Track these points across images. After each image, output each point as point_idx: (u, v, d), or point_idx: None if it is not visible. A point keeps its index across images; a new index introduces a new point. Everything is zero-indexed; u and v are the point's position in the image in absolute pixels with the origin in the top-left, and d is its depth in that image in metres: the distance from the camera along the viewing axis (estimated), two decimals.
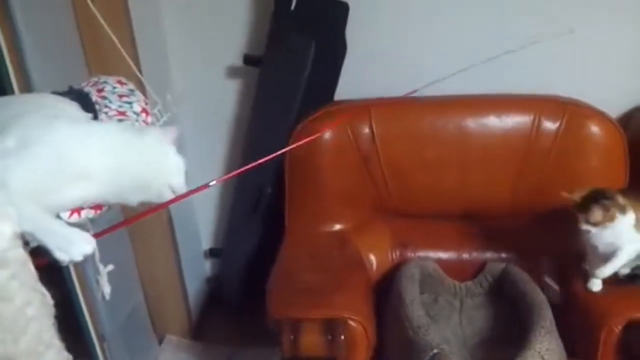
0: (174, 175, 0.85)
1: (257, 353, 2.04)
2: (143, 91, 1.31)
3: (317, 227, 1.83)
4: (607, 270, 1.50)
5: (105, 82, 1.05)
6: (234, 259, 2.14)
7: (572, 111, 1.76)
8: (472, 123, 1.79)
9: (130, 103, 1.00)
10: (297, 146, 1.78)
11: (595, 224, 1.45)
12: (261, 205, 1.94)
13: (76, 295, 1.69)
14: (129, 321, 1.96)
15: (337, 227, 1.84)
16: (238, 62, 1.91)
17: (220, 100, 2.03)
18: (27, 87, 1.30)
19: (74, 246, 0.73)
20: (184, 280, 2.19)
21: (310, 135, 1.77)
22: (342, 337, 1.38)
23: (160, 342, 2.20)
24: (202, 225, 2.29)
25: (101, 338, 1.82)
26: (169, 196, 0.85)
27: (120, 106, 0.98)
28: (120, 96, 1.01)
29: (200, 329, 2.28)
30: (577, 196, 1.46)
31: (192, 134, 2.03)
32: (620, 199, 1.44)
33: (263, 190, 1.92)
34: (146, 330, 2.12)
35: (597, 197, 1.45)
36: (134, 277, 2.03)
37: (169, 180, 0.84)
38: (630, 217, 1.43)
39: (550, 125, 1.75)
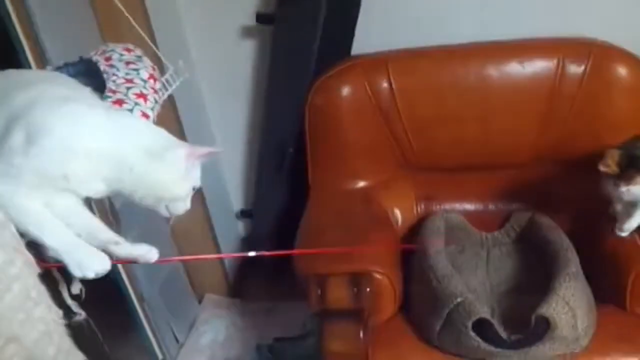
0: (176, 200, 0.85)
1: (294, 306, 2.08)
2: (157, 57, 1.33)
3: (341, 184, 1.84)
4: (632, 225, 1.47)
5: (112, 50, 1.07)
6: (264, 219, 2.17)
7: (597, 53, 1.69)
8: (494, 70, 1.74)
9: (137, 70, 1.01)
10: (316, 104, 1.79)
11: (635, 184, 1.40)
12: (285, 164, 1.95)
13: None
14: (168, 282, 2.04)
15: (361, 183, 1.84)
16: (252, 21, 1.89)
17: (236, 60, 2.01)
18: (42, 58, 1.32)
19: (89, 264, 0.77)
20: (218, 242, 2.24)
21: (328, 91, 1.77)
22: (368, 289, 1.40)
23: (200, 301, 2.28)
24: (231, 187, 2.31)
25: (141, 298, 1.90)
26: (164, 214, 0.85)
27: (127, 74, 1.00)
28: (127, 63, 1.03)
29: (238, 288, 2.34)
30: (612, 167, 1.40)
31: (211, 96, 2.04)
32: None
33: (285, 150, 1.92)
34: (185, 290, 2.20)
35: (630, 160, 1.39)
36: (168, 241, 2.09)
37: (169, 203, 0.84)
38: None
39: (575, 68, 1.69)
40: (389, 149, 1.82)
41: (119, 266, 1.77)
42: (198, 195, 2.09)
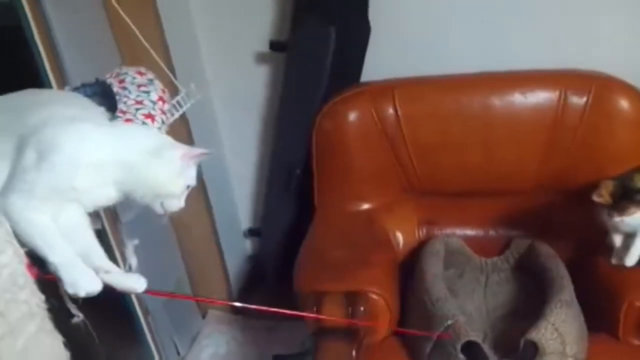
0: (171, 196, 0.90)
1: (295, 325, 2.11)
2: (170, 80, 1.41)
3: (345, 206, 1.88)
4: (631, 258, 1.49)
5: (126, 73, 1.14)
6: (271, 238, 2.22)
7: (599, 85, 1.73)
8: (497, 100, 1.79)
9: (147, 92, 1.08)
10: (324, 128, 1.85)
11: (629, 215, 1.44)
12: (292, 185, 2.00)
13: None
14: None
15: (365, 206, 1.88)
16: (266, 48, 1.97)
17: (250, 85, 2.08)
18: (63, 80, 1.40)
19: (83, 284, 0.84)
20: (224, 259, 2.30)
21: (335, 116, 1.83)
22: (362, 308, 1.44)
23: (204, 316, 2.33)
24: (241, 206, 2.37)
25: (145, 312, 1.95)
26: (159, 211, 0.91)
27: (138, 96, 1.07)
28: (139, 86, 1.10)
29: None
30: (606, 197, 1.44)
31: (224, 118, 2.12)
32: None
33: (293, 171, 1.98)
34: (189, 305, 2.26)
35: (624, 191, 1.43)
36: (175, 255, 2.16)
37: (165, 200, 0.90)
38: None
39: (576, 100, 1.73)
40: (394, 173, 1.87)
41: None
42: (207, 212, 2.17)
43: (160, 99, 1.10)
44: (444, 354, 1.36)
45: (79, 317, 0.97)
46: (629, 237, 1.52)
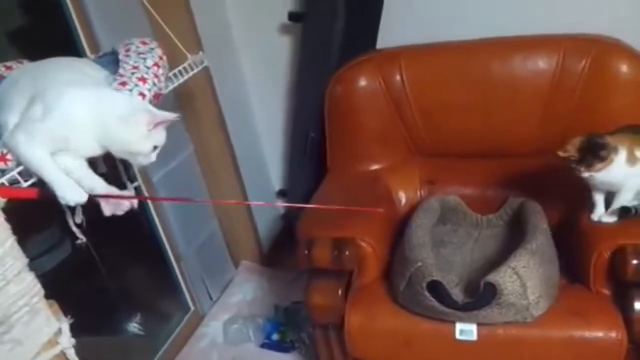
0: (140, 154, 1.12)
1: None
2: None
3: (354, 166, 2.04)
4: (608, 217, 1.57)
5: (132, 42, 1.35)
6: (296, 197, 2.41)
7: (598, 48, 1.78)
8: (498, 65, 1.88)
9: (144, 59, 1.29)
10: (335, 93, 2.00)
11: (596, 171, 1.49)
12: (307, 148, 2.18)
13: (153, 220, 2.08)
14: (205, 246, 2.35)
15: (373, 167, 2.03)
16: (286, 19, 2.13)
17: (276, 55, 2.26)
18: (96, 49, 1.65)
19: (70, 196, 1.06)
20: (253, 217, 2.52)
21: (345, 82, 1.98)
22: (347, 252, 1.60)
23: (236, 266, 2.57)
24: (272, 168, 2.57)
25: (178, 258, 2.21)
26: (135, 164, 1.15)
27: (135, 61, 1.27)
28: (139, 54, 1.31)
29: (273, 258, 2.59)
30: (572, 151, 1.49)
31: (255, 87, 2.33)
32: (611, 140, 1.46)
33: (308, 134, 2.15)
34: (222, 255, 2.50)
35: (591, 147, 1.47)
36: (208, 213, 2.39)
37: (136, 157, 1.12)
38: (621, 154, 1.46)
39: (574, 63, 1.79)
40: (400, 136, 2.00)
41: (159, 227, 2.10)
42: (236, 174, 2.39)
43: (155, 64, 1.30)
44: (414, 292, 1.51)
45: (82, 239, 1.21)
46: (610, 195, 1.59)
